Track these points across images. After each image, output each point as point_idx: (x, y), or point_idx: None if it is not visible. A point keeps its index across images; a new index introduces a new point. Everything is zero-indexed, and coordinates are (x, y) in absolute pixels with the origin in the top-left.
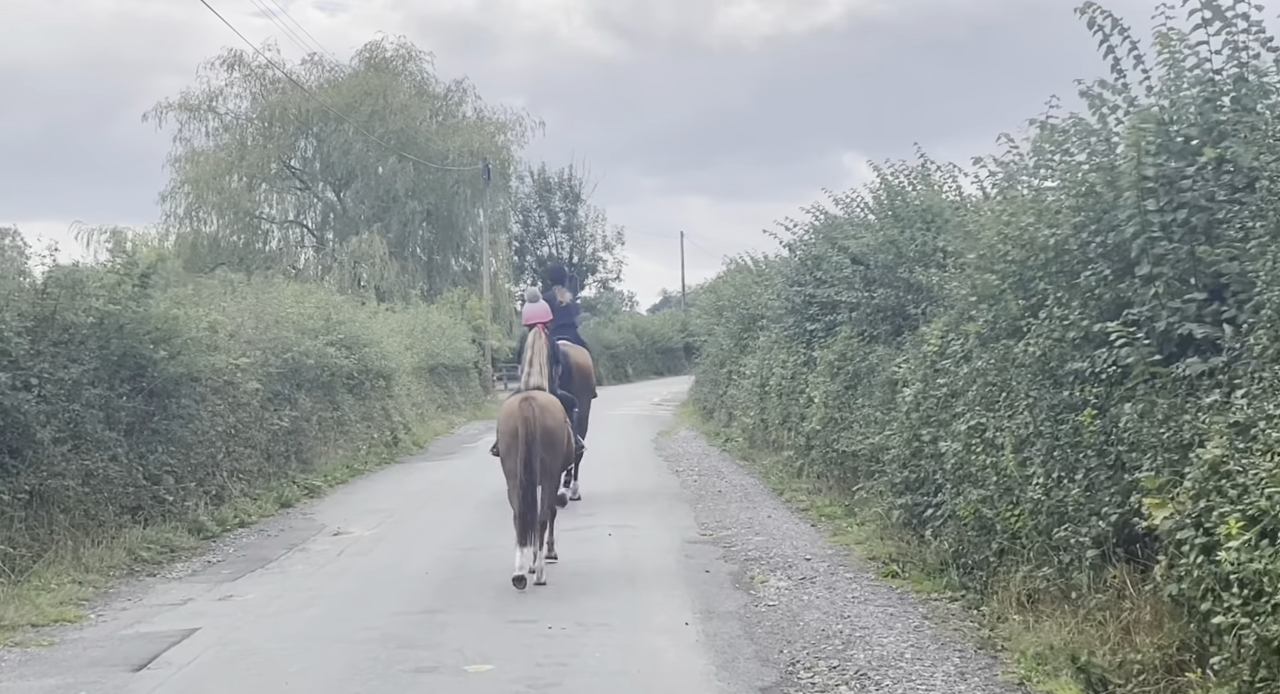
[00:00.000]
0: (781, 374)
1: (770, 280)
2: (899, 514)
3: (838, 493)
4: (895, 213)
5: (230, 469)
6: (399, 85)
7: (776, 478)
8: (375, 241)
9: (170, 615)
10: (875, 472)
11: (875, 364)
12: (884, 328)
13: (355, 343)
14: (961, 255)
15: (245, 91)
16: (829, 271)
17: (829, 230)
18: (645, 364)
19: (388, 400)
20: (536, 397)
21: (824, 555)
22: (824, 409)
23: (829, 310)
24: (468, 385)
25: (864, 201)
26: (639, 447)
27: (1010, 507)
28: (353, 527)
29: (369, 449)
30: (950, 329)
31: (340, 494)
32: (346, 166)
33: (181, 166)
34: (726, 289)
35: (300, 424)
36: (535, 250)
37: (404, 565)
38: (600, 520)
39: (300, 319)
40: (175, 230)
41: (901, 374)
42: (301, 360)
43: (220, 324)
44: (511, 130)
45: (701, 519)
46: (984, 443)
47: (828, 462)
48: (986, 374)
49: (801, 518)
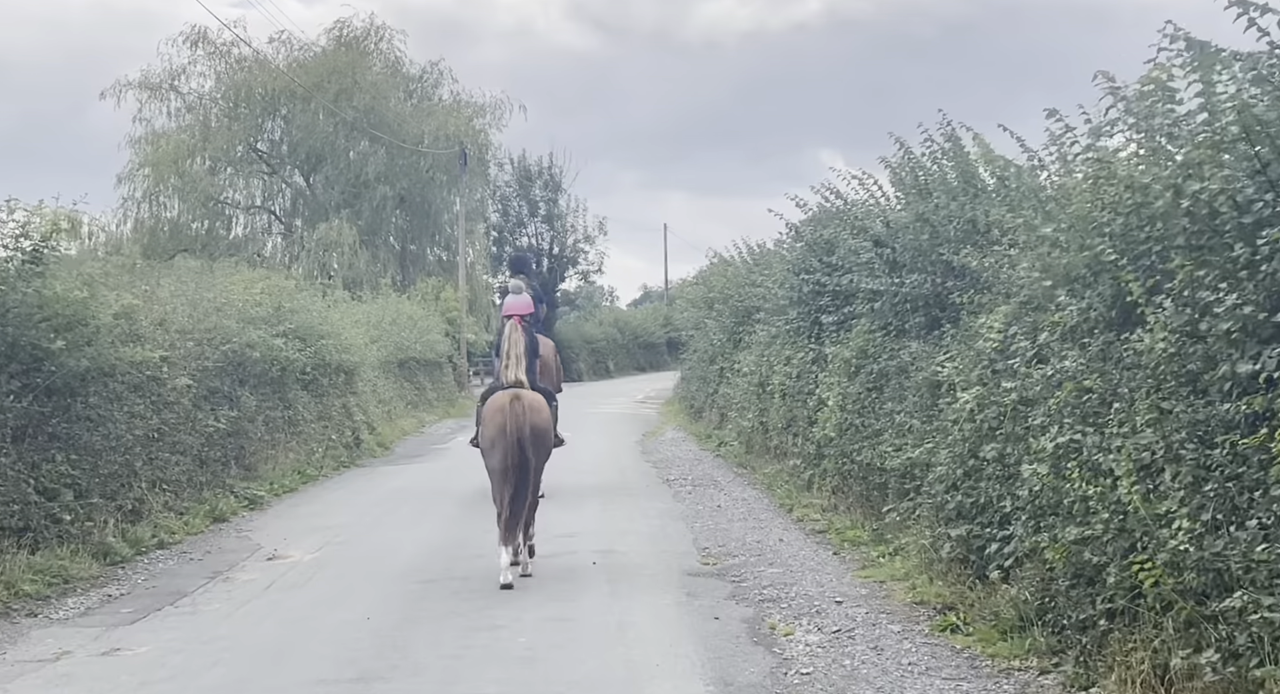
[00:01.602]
0: (786, 372)
1: (770, 268)
2: (950, 547)
3: (861, 513)
4: (921, 187)
5: (151, 479)
6: (370, 64)
7: (783, 491)
8: (345, 229)
9: (30, 679)
10: (911, 491)
11: (908, 362)
12: (916, 320)
13: (311, 334)
14: (1019, 231)
15: (209, 70)
16: (844, 256)
17: (843, 212)
18: (627, 359)
19: (349, 397)
20: (524, 395)
21: (857, 596)
22: (840, 414)
23: (843, 301)
24: (440, 381)
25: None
26: (624, 450)
27: (1132, 554)
28: (292, 548)
29: (325, 452)
30: (1013, 321)
31: (286, 505)
32: (315, 150)
33: (141, 148)
34: (717, 280)
35: (242, 425)
36: (514, 240)
37: (343, 604)
38: (582, 542)
39: (245, 307)
40: (133, 215)
41: (947, 375)
42: (245, 353)
43: (136, 309)
44: (490, 114)
45: (701, 542)
46: (1084, 467)
47: (845, 475)
48: (1079, 377)
49: (819, 543)
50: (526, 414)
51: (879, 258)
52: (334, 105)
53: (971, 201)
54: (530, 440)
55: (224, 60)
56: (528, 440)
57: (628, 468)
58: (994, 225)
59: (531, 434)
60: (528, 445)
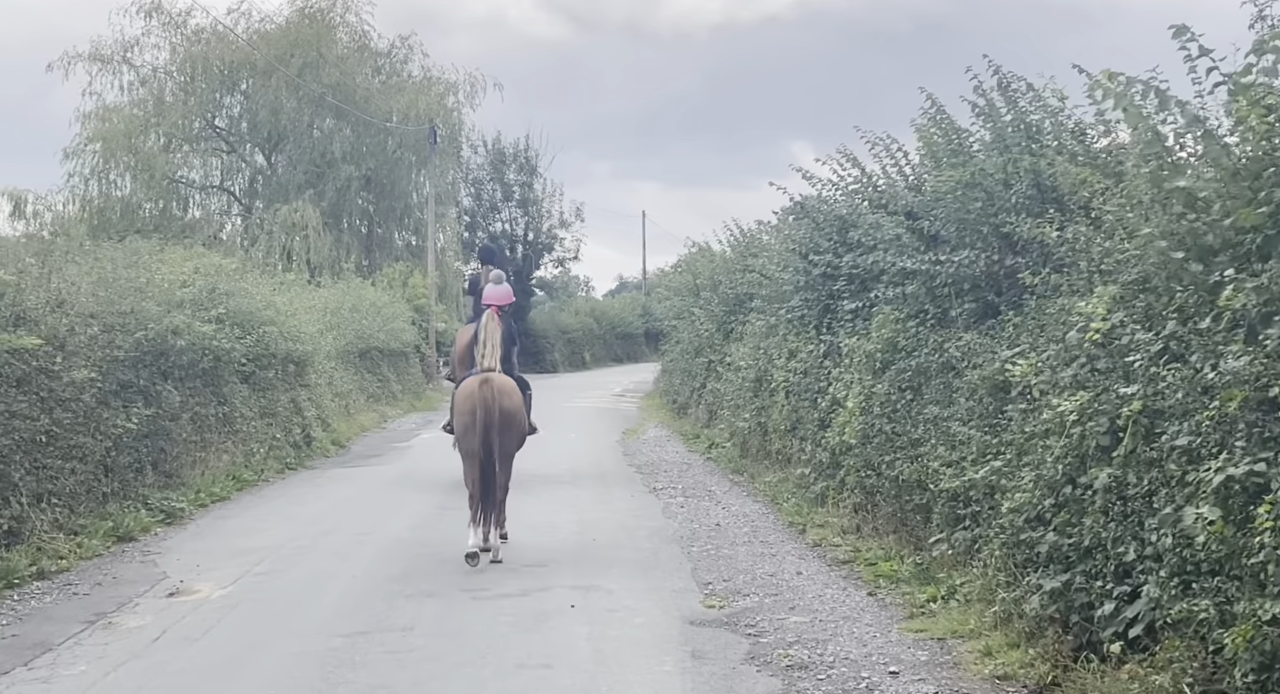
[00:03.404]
0: (793, 367)
1: (768, 251)
2: (1040, 602)
3: (895, 540)
4: (957, 148)
5: (36, 492)
6: (335, 37)
7: (790, 505)
8: (308, 210)
9: None
10: (967, 519)
11: (956, 357)
12: (965, 306)
13: (251, 320)
14: (1135, 186)
15: (164, 42)
16: (867, 233)
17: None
18: (604, 350)
19: (300, 391)
20: (493, 379)
21: (915, 662)
22: (862, 417)
23: (860, 285)
24: (406, 372)
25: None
26: (604, 450)
27: None
28: (202, 580)
29: (269, 452)
30: (1118, 306)
31: (211, 519)
32: (277, 127)
33: (90, 123)
34: (704, 265)
35: (162, 425)
36: (487, 226)
37: (247, 667)
38: (557, 577)
39: (169, 288)
40: (81, 194)
41: (1020, 375)
42: (169, 341)
43: (5, 286)
44: (463, 92)
45: (703, 575)
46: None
47: (871, 491)
48: (1259, 382)
49: (846, 577)
50: (496, 397)
51: (912, 232)
52: (297, 80)
53: (1035, 163)
54: (499, 422)
55: (180, 31)
56: (495, 423)
57: (609, 474)
58: (1081, 185)
59: (500, 416)
60: (494, 427)
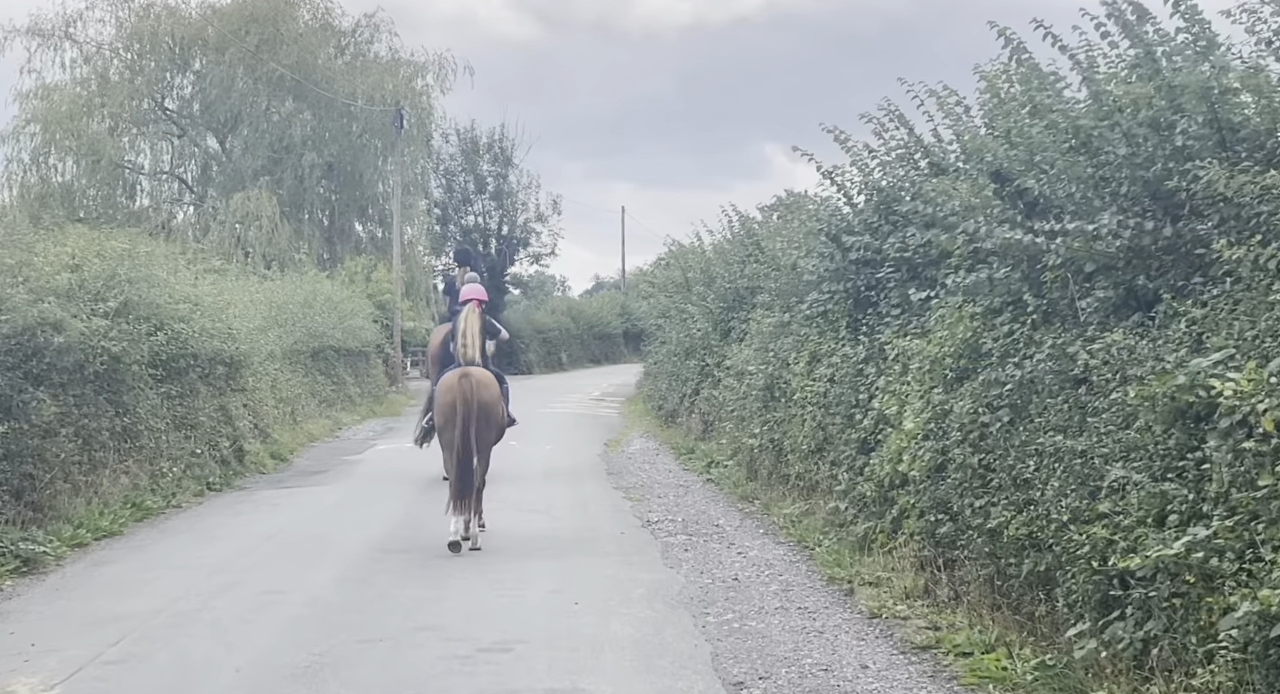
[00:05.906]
0: (820, 375)
1: (789, 235)
2: None
3: (996, 617)
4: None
5: None
6: (295, 13)
7: (826, 549)
8: (265, 199)
9: None
10: (1129, 603)
11: (1094, 366)
12: (1099, 293)
13: (161, 314)
14: None
15: (110, 15)
16: (932, 200)
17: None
18: (581, 351)
19: (231, 396)
20: (472, 372)
21: None
22: (928, 442)
23: (910, 272)
24: (366, 374)
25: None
26: (584, 468)
27: None
28: (31, 670)
29: (184, 472)
30: None
31: (84, 565)
32: (232, 109)
33: (29, 103)
34: (695, 259)
35: (28, 443)
36: (459, 219)
37: None
38: (530, 658)
39: (50, 273)
40: (19, 179)
41: (1230, 397)
42: (44, 338)
43: None
44: (433, 73)
45: (729, 668)
46: None
47: (944, 541)
48: None
49: (933, 675)
50: (475, 390)
51: (1001, 198)
52: (254, 58)
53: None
54: (477, 414)
55: (127, 5)
56: (474, 414)
57: (591, 498)
58: None
59: (479, 408)
60: (473, 419)
